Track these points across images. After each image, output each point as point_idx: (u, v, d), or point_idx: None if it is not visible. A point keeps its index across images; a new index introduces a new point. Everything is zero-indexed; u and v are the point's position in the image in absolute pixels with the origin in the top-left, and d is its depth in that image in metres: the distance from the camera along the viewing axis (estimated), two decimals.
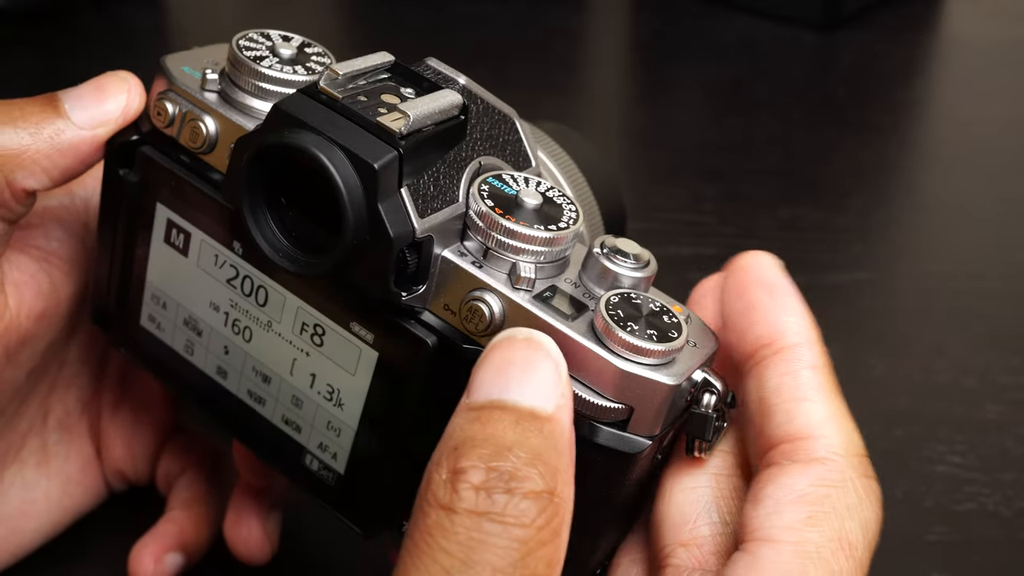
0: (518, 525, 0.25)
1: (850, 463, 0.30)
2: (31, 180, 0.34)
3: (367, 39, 0.88)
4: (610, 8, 0.97)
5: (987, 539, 0.47)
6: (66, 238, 0.38)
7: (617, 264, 0.30)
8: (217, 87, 0.33)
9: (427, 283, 0.30)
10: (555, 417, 0.27)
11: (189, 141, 0.33)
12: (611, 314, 0.29)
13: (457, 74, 0.32)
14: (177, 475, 0.43)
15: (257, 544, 0.40)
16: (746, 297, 0.32)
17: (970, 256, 0.65)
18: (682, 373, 0.29)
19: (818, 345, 0.31)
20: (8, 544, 0.41)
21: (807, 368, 0.31)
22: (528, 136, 0.33)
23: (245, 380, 0.35)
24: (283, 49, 0.33)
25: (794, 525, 0.28)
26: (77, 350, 0.41)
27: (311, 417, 0.34)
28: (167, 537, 0.41)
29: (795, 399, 0.30)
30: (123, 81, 0.34)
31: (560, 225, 0.30)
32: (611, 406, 0.29)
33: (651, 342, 0.28)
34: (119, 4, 0.86)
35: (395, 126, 0.29)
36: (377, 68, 0.31)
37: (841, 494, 0.29)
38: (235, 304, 0.34)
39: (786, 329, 0.31)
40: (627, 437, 0.29)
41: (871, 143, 0.76)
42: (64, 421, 0.42)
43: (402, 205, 0.29)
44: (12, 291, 0.36)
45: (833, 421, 0.30)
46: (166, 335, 0.36)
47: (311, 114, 0.29)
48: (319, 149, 0.28)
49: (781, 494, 0.29)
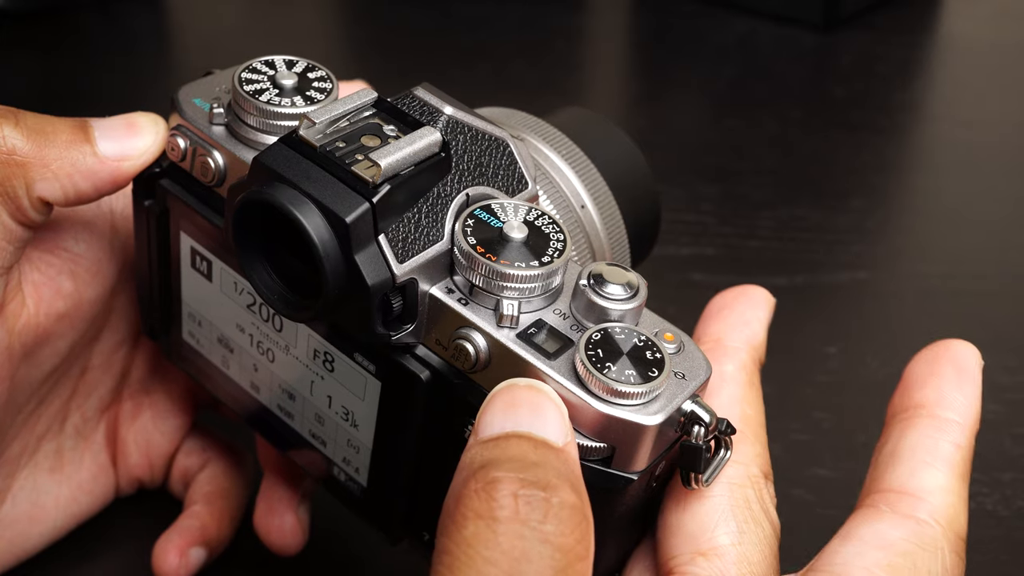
0: (559, 534, 0.25)
1: (946, 535, 0.30)
2: (48, 192, 0.34)
3: (368, 40, 0.89)
4: (610, 8, 0.97)
5: (986, 538, 0.47)
6: (93, 241, 0.39)
7: (603, 297, 0.30)
8: (223, 120, 0.34)
9: (416, 320, 0.31)
10: (567, 450, 0.27)
11: (201, 175, 0.34)
12: (590, 355, 0.29)
13: (443, 104, 0.32)
14: (196, 472, 0.44)
15: (291, 532, 0.41)
16: (935, 367, 0.33)
17: (969, 256, 0.65)
18: (664, 410, 0.29)
19: (971, 432, 0.32)
20: (13, 547, 0.41)
21: (950, 443, 0.31)
22: (525, 157, 0.33)
23: (275, 396, 0.36)
24: (284, 80, 0.33)
25: (871, 567, 0.29)
26: (100, 357, 0.42)
27: (333, 434, 0.35)
28: (190, 531, 0.42)
29: (924, 462, 0.31)
30: (154, 123, 0.35)
31: (543, 260, 0.30)
32: (593, 445, 0.29)
33: (628, 384, 0.28)
34: (120, 4, 0.86)
35: (368, 175, 0.29)
36: (359, 108, 0.31)
37: (927, 557, 0.29)
38: (257, 327, 0.35)
39: (951, 403, 0.32)
40: (611, 474, 0.30)
41: (870, 144, 0.76)
42: (81, 428, 0.42)
43: (380, 253, 0.29)
44: (31, 290, 0.37)
45: (948, 494, 0.31)
46: (205, 350, 0.38)
47: (288, 167, 0.30)
48: (292, 205, 0.29)
49: (869, 536, 0.30)
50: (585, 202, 0.39)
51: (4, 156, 0.34)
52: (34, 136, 0.34)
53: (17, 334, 0.36)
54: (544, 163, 0.39)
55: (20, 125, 0.34)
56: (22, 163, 0.34)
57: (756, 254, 0.64)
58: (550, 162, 0.39)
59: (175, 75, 0.81)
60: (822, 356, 0.56)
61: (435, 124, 0.31)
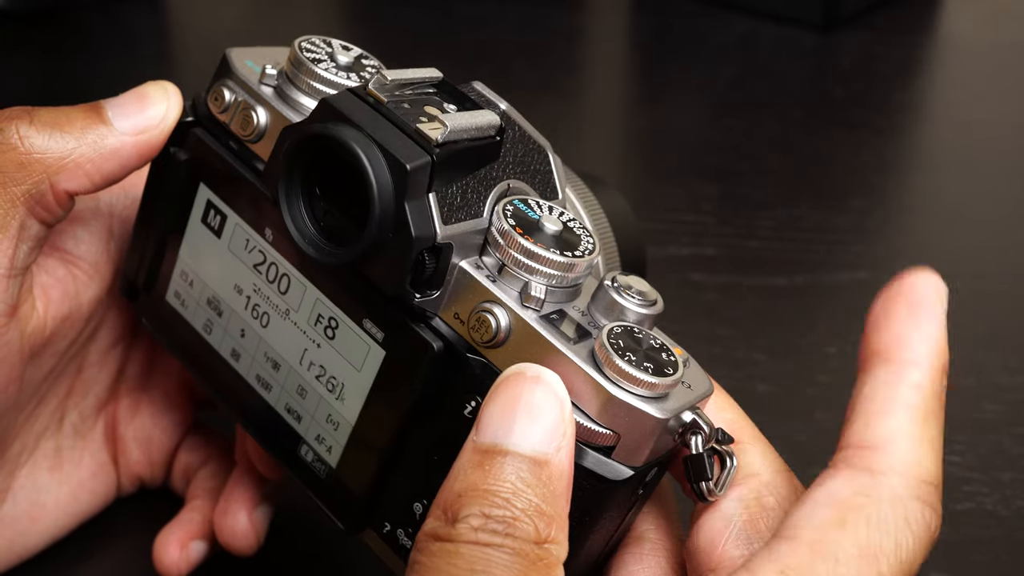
0: (518, 553, 0.27)
1: (908, 484, 0.28)
2: (73, 183, 0.35)
3: (368, 40, 0.88)
4: (610, 8, 0.97)
5: (985, 538, 0.47)
6: (92, 242, 0.39)
7: (625, 298, 0.31)
8: (274, 82, 0.35)
9: (441, 290, 0.31)
10: (554, 461, 0.28)
11: (240, 128, 0.35)
12: (611, 342, 0.29)
13: (500, 100, 0.33)
14: (197, 468, 0.44)
15: (242, 535, 0.41)
16: (889, 307, 0.31)
17: (968, 256, 0.65)
18: (671, 409, 0.30)
19: (935, 372, 0.30)
20: (14, 546, 0.41)
21: (909, 386, 0.29)
22: (559, 170, 0.35)
23: (256, 365, 0.36)
24: (341, 56, 0.35)
25: (821, 525, 0.28)
26: (96, 355, 0.42)
27: (313, 408, 0.35)
28: (192, 525, 0.42)
29: (880, 410, 0.29)
30: (163, 89, 0.36)
31: (576, 253, 0.31)
32: (599, 430, 0.30)
33: (646, 373, 0.29)
34: (120, 4, 0.86)
35: (432, 134, 0.30)
36: (425, 81, 0.32)
37: (884, 508, 0.28)
38: (258, 289, 0.35)
39: (907, 345, 0.30)
40: (610, 463, 0.30)
41: (870, 144, 0.76)
42: (79, 427, 0.43)
43: (428, 209, 0.30)
44: (40, 293, 0.37)
45: (907, 439, 0.29)
46: (188, 312, 0.38)
47: (356, 111, 0.30)
48: (357, 143, 0.29)
49: (820, 496, 0.29)
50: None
51: (24, 156, 0.34)
52: (50, 130, 0.34)
53: (28, 336, 0.36)
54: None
55: (35, 122, 0.34)
56: (42, 160, 0.34)
57: (756, 254, 0.64)
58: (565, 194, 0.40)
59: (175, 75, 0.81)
60: (822, 356, 0.56)
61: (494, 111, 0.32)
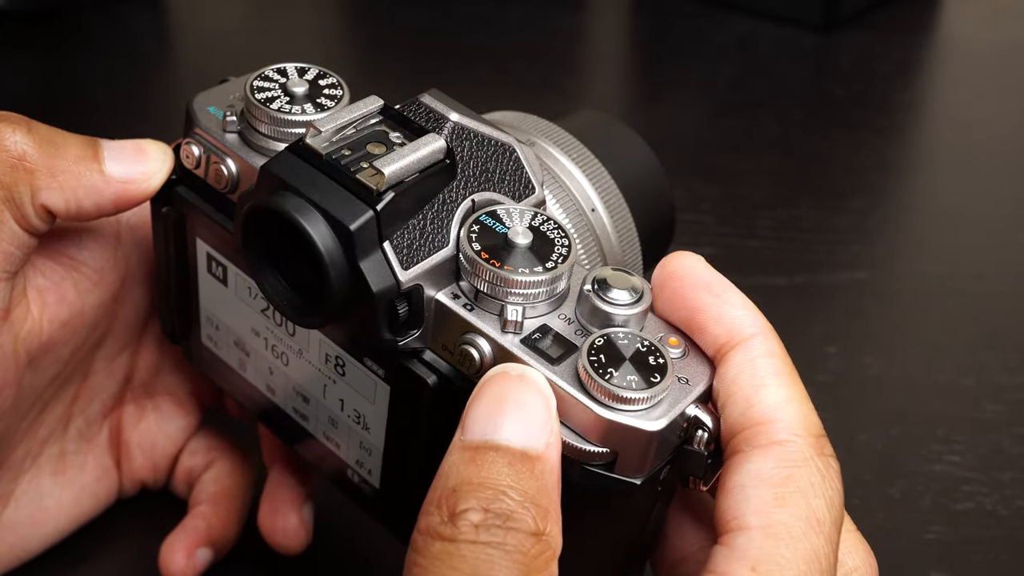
0: (518, 551, 0.27)
1: (808, 443, 0.29)
2: (51, 201, 0.35)
3: (368, 40, 0.89)
4: (610, 8, 0.97)
5: (985, 538, 0.47)
6: (97, 249, 0.39)
7: (607, 303, 0.30)
8: (236, 128, 0.34)
9: (423, 326, 0.31)
10: (544, 456, 0.28)
11: (214, 182, 0.34)
12: (592, 360, 0.29)
13: (449, 110, 0.32)
14: (200, 472, 0.44)
15: (295, 532, 0.41)
16: (688, 303, 0.31)
17: (968, 256, 0.65)
18: (666, 416, 0.29)
19: (771, 333, 0.31)
20: (15, 550, 0.41)
21: (763, 356, 0.30)
22: (531, 162, 0.34)
23: (290, 399, 0.37)
24: (295, 87, 0.34)
25: (761, 508, 0.28)
26: (103, 362, 0.42)
27: (346, 436, 0.35)
28: (197, 532, 0.42)
29: (752, 386, 0.30)
30: (162, 152, 0.36)
31: (548, 265, 0.30)
32: (596, 450, 0.29)
33: (630, 390, 0.28)
34: (120, 4, 0.86)
35: (372, 183, 0.29)
36: (365, 115, 0.32)
37: (804, 473, 0.29)
38: (271, 331, 0.36)
39: (739, 323, 0.30)
40: (614, 478, 0.30)
41: (870, 144, 0.76)
42: (84, 432, 0.43)
43: (385, 259, 0.30)
44: (35, 296, 0.37)
45: (790, 403, 0.30)
46: (222, 352, 0.38)
47: (295, 174, 0.30)
48: (298, 213, 0.29)
49: (746, 480, 0.29)
50: (596, 206, 0.39)
51: (14, 160, 0.34)
52: (45, 145, 0.34)
53: (22, 340, 0.36)
54: (555, 167, 0.39)
55: (32, 133, 0.34)
56: (30, 169, 0.34)
57: (756, 254, 0.64)
58: (561, 166, 0.39)
59: (175, 75, 0.81)
60: (822, 356, 0.56)
61: (440, 131, 0.32)
